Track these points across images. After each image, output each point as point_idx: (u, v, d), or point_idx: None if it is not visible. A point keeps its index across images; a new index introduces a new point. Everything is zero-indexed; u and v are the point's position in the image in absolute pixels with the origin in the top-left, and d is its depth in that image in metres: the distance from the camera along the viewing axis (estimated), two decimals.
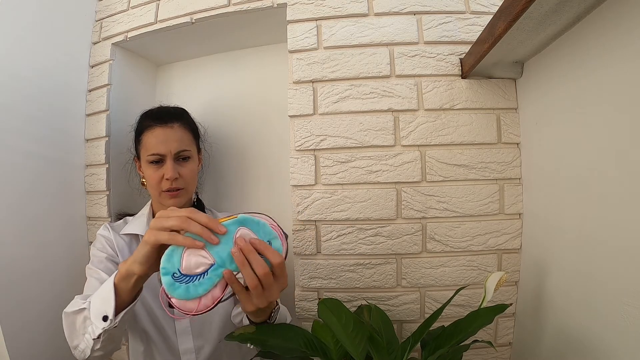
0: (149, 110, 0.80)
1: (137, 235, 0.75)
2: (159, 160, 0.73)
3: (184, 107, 0.84)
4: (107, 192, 0.91)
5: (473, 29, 0.75)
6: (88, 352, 0.51)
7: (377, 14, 0.77)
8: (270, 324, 0.55)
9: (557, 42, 0.59)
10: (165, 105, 0.83)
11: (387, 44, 0.77)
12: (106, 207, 0.91)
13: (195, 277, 0.42)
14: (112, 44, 0.94)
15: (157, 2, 0.90)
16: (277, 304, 0.57)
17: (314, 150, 0.77)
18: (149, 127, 0.74)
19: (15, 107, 0.78)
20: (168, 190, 0.72)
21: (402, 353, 0.54)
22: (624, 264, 0.46)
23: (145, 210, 0.80)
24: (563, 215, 0.60)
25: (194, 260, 0.42)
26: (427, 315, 0.75)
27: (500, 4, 0.54)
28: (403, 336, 0.76)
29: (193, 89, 1.05)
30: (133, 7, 0.93)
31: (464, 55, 0.75)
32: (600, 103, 0.50)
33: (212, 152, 0.95)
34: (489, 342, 0.52)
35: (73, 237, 0.90)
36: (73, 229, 0.91)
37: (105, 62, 0.94)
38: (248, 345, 0.53)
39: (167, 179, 0.71)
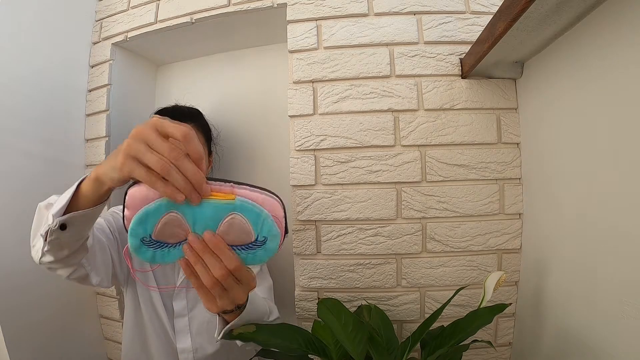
0: (164, 108, 0.80)
1: None
2: None
3: (198, 109, 0.84)
4: None
5: (473, 29, 0.75)
6: (39, 254, 0.47)
7: (377, 14, 0.77)
8: (237, 312, 0.48)
9: (557, 42, 0.59)
10: (180, 105, 0.83)
11: (387, 44, 0.77)
12: (106, 206, 0.91)
13: (165, 245, 0.38)
14: (112, 44, 0.94)
15: (157, 2, 0.90)
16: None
17: (314, 150, 0.77)
18: None
19: (15, 107, 0.78)
20: None
21: (402, 353, 0.54)
22: (624, 263, 0.46)
23: None
24: (563, 215, 0.60)
25: (168, 231, 0.37)
26: (427, 315, 0.75)
27: (500, 4, 0.54)
28: (403, 336, 0.76)
29: (193, 89, 1.05)
30: (133, 7, 0.93)
31: (464, 55, 0.75)
32: (600, 103, 0.50)
33: (222, 153, 0.95)
34: (489, 342, 0.52)
35: None
36: None
37: (105, 62, 0.94)
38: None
39: None
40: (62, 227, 0.43)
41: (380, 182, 0.75)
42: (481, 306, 0.56)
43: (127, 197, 0.36)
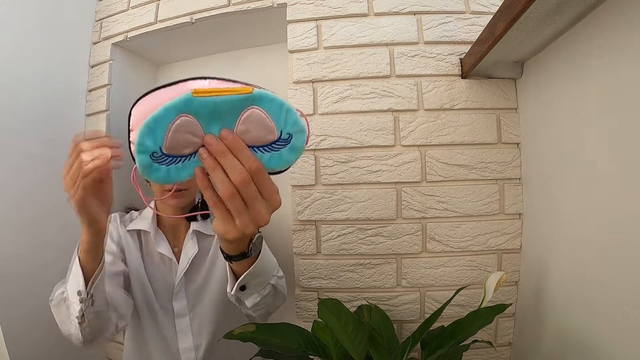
0: None
1: (141, 230, 0.74)
2: None
3: None
4: None
5: (473, 29, 0.75)
6: (80, 336, 0.50)
7: (377, 14, 0.77)
8: (249, 256, 0.44)
9: (557, 42, 0.59)
10: None
11: (387, 44, 0.77)
12: None
13: (179, 158, 0.32)
14: (112, 44, 0.94)
15: (157, 2, 0.90)
16: (259, 231, 0.45)
17: (314, 150, 0.77)
18: None
19: (15, 107, 0.78)
20: (169, 190, 0.72)
21: (402, 353, 0.54)
22: (623, 263, 0.46)
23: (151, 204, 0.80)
24: (563, 215, 0.60)
25: (182, 139, 0.31)
26: (427, 315, 0.75)
27: (500, 4, 0.54)
28: (403, 336, 0.76)
29: None
30: (133, 7, 0.93)
31: (464, 55, 0.75)
32: (600, 103, 0.50)
33: None
34: (489, 342, 0.52)
35: (73, 237, 0.90)
36: (73, 229, 0.91)
37: (105, 62, 0.94)
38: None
39: None
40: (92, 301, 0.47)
41: (380, 182, 0.75)
42: (481, 306, 0.56)
43: (131, 117, 0.32)
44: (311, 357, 0.56)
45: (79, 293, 0.46)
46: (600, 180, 0.50)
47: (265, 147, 0.33)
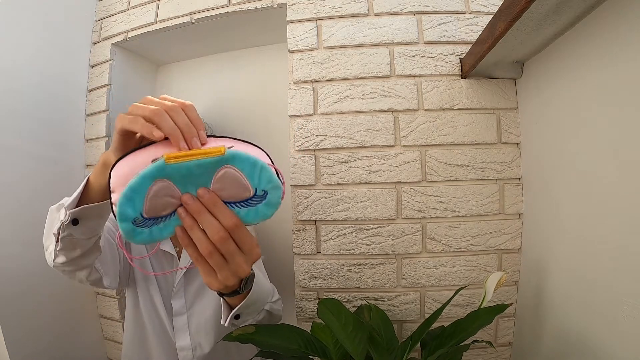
0: None
1: None
2: None
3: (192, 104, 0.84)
4: None
5: (473, 29, 0.75)
6: (52, 255, 0.47)
7: (377, 14, 0.77)
8: (241, 293, 0.45)
9: (557, 42, 0.59)
10: None
11: (387, 44, 0.77)
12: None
13: (160, 219, 0.34)
14: (112, 44, 0.94)
15: (157, 2, 0.90)
16: (251, 270, 0.47)
17: (314, 150, 0.77)
18: None
19: (15, 107, 0.78)
20: None
21: (402, 353, 0.54)
22: (624, 263, 0.46)
23: None
24: (563, 215, 0.60)
25: (160, 202, 0.33)
26: (427, 315, 0.75)
27: (500, 4, 0.54)
28: (403, 336, 0.76)
29: (193, 89, 1.05)
30: (133, 7, 0.93)
31: (464, 55, 0.75)
32: (600, 103, 0.50)
33: None
34: (489, 342, 0.52)
35: None
36: None
37: (105, 62, 0.94)
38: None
39: None
40: (75, 222, 0.43)
41: (380, 182, 0.75)
42: (481, 306, 0.56)
43: (111, 179, 0.32)
44: (311, 357, 0.56)
45: (67, 208, 0.42)
46: (600, 180, 0.50)
47: (242, 203, 0.35)
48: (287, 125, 0.79)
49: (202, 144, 0.33)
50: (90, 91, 0.96)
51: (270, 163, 0.35)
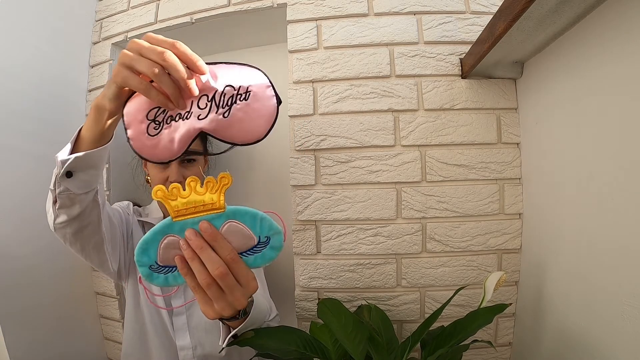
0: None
1: (149, 222, 0.77)
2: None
3: None
4: (107, 192, 0.91)
5: (473, 29, 0.75)
6: (53, 216, 0.47)
7: (377, 14, 0.77)
8: (240, 318, 0.47)
9: (557, 42, 0.59)
10: None
11: (387, 44, 0.77)
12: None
13: (174, 268, 0.38)
14: (112, 44, 0.94)
15: (157, 2, 0.90)
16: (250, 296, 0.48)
17: (314, 150, 0.77)
18: None
19: (15, 107, 0.78)
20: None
21: (402, 353, 0.54)
22: (624, 263, 0.46)
23: (155, 204, 0.82)
24: (563, 215, 0.60)
25: (171, 253, 0.37)
26: (427, 315, 0.75)
27: (500, 4, 0.54)
28: (403, 336, 0.76)
29: None
30: (133, 7, 0.93)
31: (464, 55, 0.75)
32: (600, 103, 0.50)
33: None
34: (489, 342, 0.52)
35: None
36: None
37: (105, 62, 0.94)
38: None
39: (171, 182, 0.71)
40: (69, 175, 0.44)
41: (380, 182, 0.75)
42: (481, 306, 0.56)
43: (124, 117, 0.37)
44: (310, 358, 0.56)
45: (62, 162, 0.42)
46: (600, 180, 0.50)
47: (248, 252, 0.39)
48: (287, 125, 0.79)
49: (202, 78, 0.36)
50: (90, 91, 0.96)
51: (265, 85, 0.37)
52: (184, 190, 0.36)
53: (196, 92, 0.35)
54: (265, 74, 0.38)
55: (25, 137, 0.80)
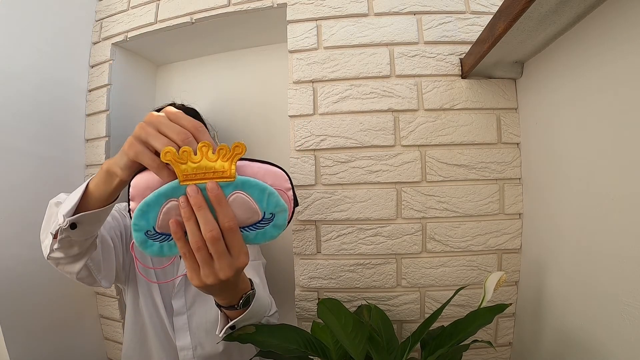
0: (160, 108, 0.80)
1: None
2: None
3: (195, 108, 0.84)
4: None
5: (473, 29, 0.75)
6: (48, 250, 0.48)
7: (377, 14, 0.77)
8: (240, 309, 0.47)
9: (557, 42, 0.59)
10: (176, 104, 0.83)
11: (387, 44, 0.77)
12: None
13: (170, 236, 0.36)
14: (112, 44, 0.94)
15: (157, 2, 0.90)
16: (252, 287, 0.48)
17: (314, 150, 0.77)
18: None
19: (15, 107, 0.78)
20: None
21: (402, 353, 0.54)
22: (624, 263, 0.46)
23: None
24: (563, 215, 0.60)
25: (172, 219, 0.36)
26: (427, 315, 0.75)
27: (500, 4, 0.54)
28: (403, 336, 0.76)
29: (193, 89, 1.05)
30: (133, 7, 0.93)
31: (464, 55, 0.75)
32: (600, 103, 0.50)
33: None
34: (489, 342, 0.52)
35: None
36: None
37: (105, 62, 0.94)
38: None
39: None
40: (72, 226, 0.44)
41: (380, 182, 0.75)
42: (481, 306, 0.56)
43: (130, 188, 0.35)
44: (311, 357, 0.56)
45: (65, 215, 0.43)
46: (600, 180, 0.50)
47: (251, 227, 0.38)
48: (287, 125, 0.79)
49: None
50: (90, 91, 0.96)
51: (286, 187, 0.37)
52: (195, 154, 0.34)
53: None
54: (288, 175, 0.38)
55: (26, 138, 0.80)
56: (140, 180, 0.36)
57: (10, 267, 0.74)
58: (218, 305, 0.47)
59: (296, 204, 0.39)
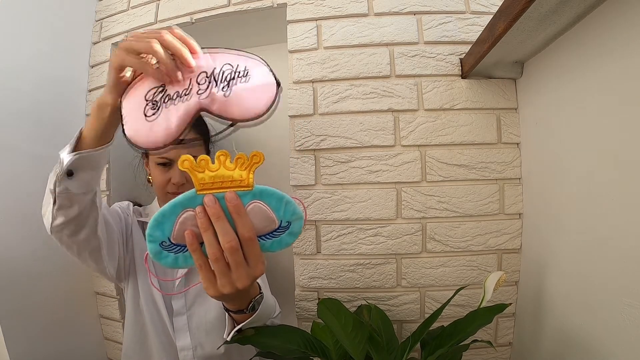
0: None
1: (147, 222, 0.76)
2: (166, 163, 0.72)
3: None
4: (108, 192, 0.91)
5: (473, 29, 0.75)
6: (51, 218, 0.47)
7: (377, 14, 0.77)
8: (248, 313, 0.47)
9: (557, 42, 0.59)
10: None
11: (387, 44, 0.76)
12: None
13: (186, 248, 0.36)
14: (112, 44, 0.94)
15: (157, 2, 0.90)
16: (260, 292, 0.48)
17: (314, 150, 0.77)
18: None
19: (15, 106, 0.78)
20: (174, 193, 0.72)
21: (402, 353, 0.55)
22: (624, 263, 0.46)
23: (155, 203, 0.82)
24: (563, 215, 0.60)
25: (189, 230, 0.35)
26: (427, 315, 0.75)
27: (500, 4, 0.54)
28: (403, 336, 0.76)
29: None
30: (133, 7, 0.93)
31: (464, 55, 0.75)
32: (600, 103, 0.50)
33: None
34: (489, 342, 0.52)
35: None
36: None
37: (105, 62, 0.94)
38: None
39: (173, 184, 0.71)
40: (70, 174, 0.44)
41: (380, 182, 0.75)
42: (481, 306, 0.56)
43: (122, 110, 0.37)
44: (311, 357, 0.57)
45: (60, 161, 0.42)
46: (600, 180, 0.50)
47: (267, 236, 0.37)
48: (287, 125, 0.79)
49: (194, 57, 0.37)
50: (90, 91, 0.96)
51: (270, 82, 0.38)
52: (213, 163, 0.34)
53: (193, 63, 0.36)
54: (262, 58, 0.40)
55: (25, 137, 0.80)
56: (128, 99, 0.37)
57: (10, 266, 0.74)
58: (226, 310, 0.47)
59: (278, 83, 0.38)
